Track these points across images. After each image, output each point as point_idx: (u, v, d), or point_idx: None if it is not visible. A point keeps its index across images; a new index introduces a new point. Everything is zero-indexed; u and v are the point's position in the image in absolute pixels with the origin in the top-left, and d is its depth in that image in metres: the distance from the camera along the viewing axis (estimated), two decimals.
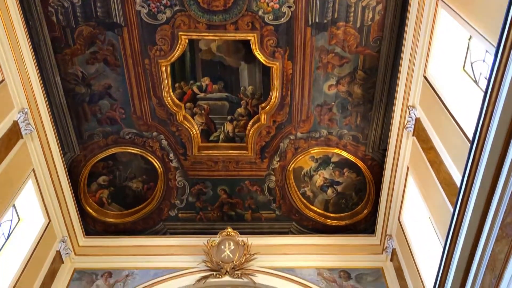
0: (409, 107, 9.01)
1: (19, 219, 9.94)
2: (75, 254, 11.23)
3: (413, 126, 8.94)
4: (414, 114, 8.86)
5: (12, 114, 8.79)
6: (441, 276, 6.85)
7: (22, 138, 9.06)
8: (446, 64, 8.00)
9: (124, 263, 11.01)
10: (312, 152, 10.90)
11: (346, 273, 10.76)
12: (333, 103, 10.08)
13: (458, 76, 7.80)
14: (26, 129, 9.09)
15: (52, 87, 9.62)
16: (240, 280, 10.64)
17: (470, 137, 6.36)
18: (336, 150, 10.83)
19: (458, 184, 6.75)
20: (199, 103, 10.33)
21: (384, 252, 11.01)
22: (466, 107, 7.19)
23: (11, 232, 9.63)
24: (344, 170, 11.11)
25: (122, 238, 11.50)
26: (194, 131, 10.59)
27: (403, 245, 9.94)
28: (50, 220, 10.28)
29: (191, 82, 10.07)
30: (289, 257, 11.12)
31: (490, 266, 5.87)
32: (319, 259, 11.07)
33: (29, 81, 9.06)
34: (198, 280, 10.58)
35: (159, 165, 11.05)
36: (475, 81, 7.35)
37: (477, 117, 5.76)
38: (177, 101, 10.18)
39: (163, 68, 9.58)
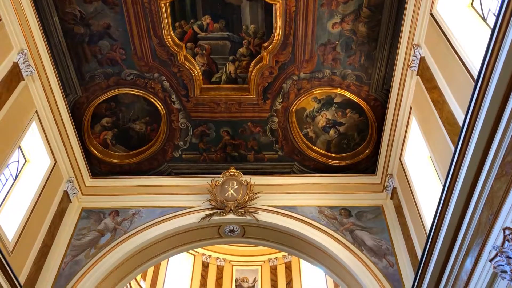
0: (414, 46, 8.84)
1: (25, 161, 10.09)
2: (82, 194, 11.50)
3: (417, 65, 8.82)
4: (419, 53, 8.71)
5: (11, 56, 8.69)
6: (440, 213, 7.04)
7: (23, 79, 9.01)
8: (453, 0, 7.76)
9: (130, 202, 11.29)
10: (315, 92, 10.84)
11: (346, 211, 11.02)
12: (337, 42, 9.90)
13: (465, 13, 7.59)
14: (26, 71, 9.02)
15: (50, 27, 9.44)
16: (243, 217, 10.92)
17: (475, 76, 6.31)
18: (339, 91, 10.77)
19: (461, 124, 6.79)
20: (200, 43, 10.14)
21: (384, 190, 11.23)
22: (472, 45, 7.05)
23: (19, 173, 9.82)
24: (347, 111, 11.10)
25: (127, 178, 11.73)
26: (195, 72, 10.48)
27: (404, 184, 10.13)
28: (56, 161, 10.43)
29: (192, 21, 9.82)
30: (291, 195, 11.35)
31: (488, 203, 6.03)
32: (320, 197, 11.31)
33: (26, 21, 8.87)
34: (203, 218, 10.86)
35: (162, 107, 11.05)
36: (483, 18, 7.17)
37: (483, 55, 5.68)
38: (178, 41, 10.00)
39: (163, 7, 9.33)
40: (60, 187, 10.72)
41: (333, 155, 11.63)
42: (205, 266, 17.84)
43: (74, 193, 11.15)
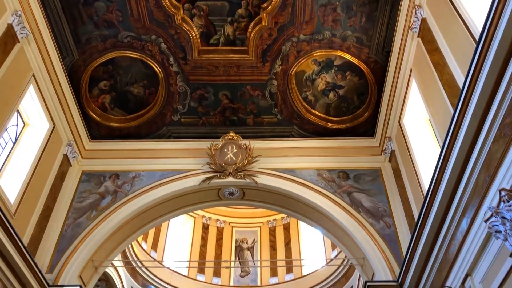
0: (416, 7, 8.68)
1: (24, 124, 10.09)
2: (82, 157, 11.55)
3: (418, 26, 8.68)
4: (421, 14, 8.56)
5: (5, 17, 8.51)
6: (438, 175, 7.11)
7: (18, 42, 8.87)
8: None
9: (130, 166, 11.37)
10: (314, 55, 10.72)
11: (344, 174, 11.12)
12: (337, 3, 9.70)
13: None
14: (21, 33, 8.86)
15: None
16: (243, 180, 11.02)
17: (477, 38, 6.23)
18: (339, 53, 10.65)
19: (461, 86, 6.76)
20: (198, 4, 9.93)
21: (383, 153, 11.29)
22: (475, 6, 6.93)
23: (18, 137, 9.83)
24: (347, 74, 11.01)
25: (127, 142, 11.76)
26: (193, 33, 10.32)
27: (402, 147, 10.17)
28: (55, 125, 10.42)
29: None
30: (290, 159, 11.42)
31: (486, 165, 6.07)
32: (319, 160, 11.38)
33: None
34: (203, 181, 10.96)
35: (159, 70, 10.95)
36: None
37: (486, 16, 5.60)
38: (175, 2, 9.80)
39: None
40: (60, 150, 10.75)
41: (332, 118, 11.62)
42: (205, 227, 18.14)
43: (74, 157, 11.20)
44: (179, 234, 17.72)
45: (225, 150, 11.27)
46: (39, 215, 9.75)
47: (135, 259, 14.93)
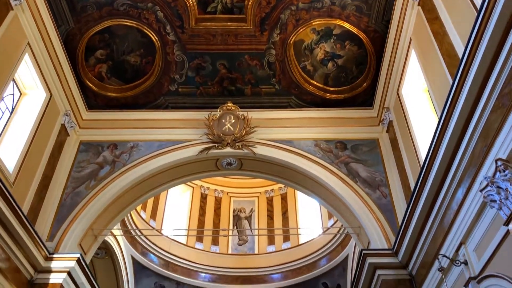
0: None
1: (21, 94, 10.01)
2: (80, 127, 11.53)
3: None
4: None
5: None
6: (435, 145, 7.13)
7: (12, 9, 8.70)
8: None
9: (128, 136, 11.36)
10: (313, 24, 10.58)
11: (342, 144, 11.15)
12: None
13: None
14: (15, 0, 8.69)
15: None
16: (240, 151, 11.05)
17: (478, 6, 6.14)
18: (339, 22, 10.51)
19: (460, 56, 6.71)
20: None
21: (380, 124, 11.29)
22: None
23: (15, 106, 9.78)
24: (346, 43, 10.89)
25: (125, 112, 11.72)
26: (190, 1, 10.15)
27: (400, 117, 10.17)
28: (51, 94, 10.35)
29: None
30: (288, 129, 11.43)
31: (483, 135, 6.09)
32: (317, 131, 11.39)
33: None
34: (201, 151, 10.99)
35: (156, 39, 10.81)
36: None
37: None
38: None
39: None
40: (57, 120, 10.72)
41: (331, 88, 11.56)
42: (204, 197, 18.30)
43: (72, 126, 11.17)
44: (178, 204, 17.90)
45: (223, 120, 11.26)
46: (38, 184, 9.80)
47: (134, 228, 15.12)
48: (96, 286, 10.03)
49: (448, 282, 7.34)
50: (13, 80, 9.54)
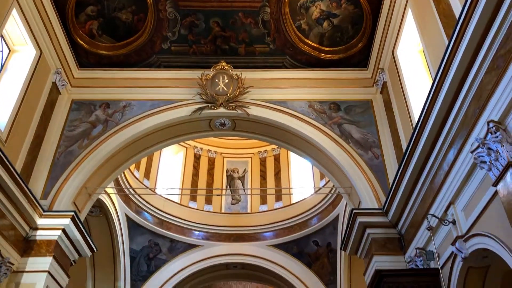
0: None
1: (10, 50, 9.81)
2: (71, 85, 11.39)
3: None
4: None
5: None
6: (428, 106, 7.15)
7: None
8: None
9: (120, 95, 11.26)
10: None
11: (336, 105, 11.13)
12: None
13: None
14: None
15: None
16: (234, 111, 11.01)
17: None
18: None
19: (457, 16, 6.61)
20: None
21: (374, 85, 11.25)
22: None
23: (4, 63, 9.61)
24: (342, 2, 10.67)
25: (117, 70, 11.55)
26: None
27: (394, 79, 10.13)
28: (41, 52, 10.15)
29: None
30: (282, 90, 11.37)
31: (476, 97, 6.10)
32: (311, 92, 11.34)
33: None
34: (194, 111, 10.94)
35: None
36: None
37: None
38: None
39: None
40: (48, 78, 10.56)
41: (326, 48, 11.42)
42: (197, 158, 18.36)
43: (63, 85, 11.02)
44: (171, 164, 17.97)
45: (216, 80, 11.16)
46: (30, 143, 9.77)
47: (128, 187, 15.22)
48: (91, 243, 10.20)
49: (436, 240, 7.54)
50: (1, 36, 9.32)
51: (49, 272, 8.88)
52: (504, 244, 5.64)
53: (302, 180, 17.42)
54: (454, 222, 7.07)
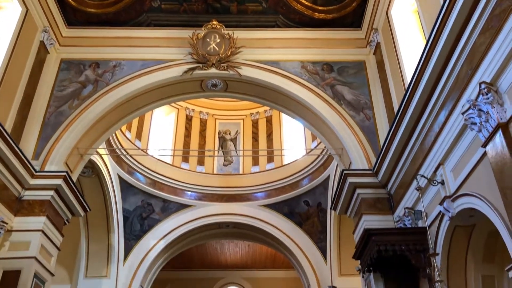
0: None
1: None
2: (60, 44, 11.15)
3: None
4: None
5: None
6: (421, 67, 7.13)
7: None
8: None
9: (110, 54, 11.06)
10: None
11: (328, 66, 11.05)
12: None
13: None
14: None
15: None
16: (226, 72, 10.89)
17: None
18: None
19: None
20: None
21: (368, 45, 11.15)
22: None
23: None
24: None
25: (106, 29, 11.30)
26: None
27: (388, 39, 10.03)
28: (28, 9, 9.87)
29: None
30: (274, 50, 11.23)
31: (469, 58, 6.09)
32: (304, 52, 11.22)
33: None
34: (185, 72, 10.80)
35: None
36: None
37: None
38: None
39: None
40: (36, 36, 10.31)
41: (319, 8, 11.19)
42: (189, 119, 18.29)
43: (51, 44, 10.78)
44: (163, 125, 17.91)
45: (208, 40, 10.97)
46: (19, 103, 9.64)
47: (120, 147, 15.21)
48: (83, 202, 10.28)
49: (424, 200, 7.69)
50: None
51: (42, 231, 8.98)
52: (490, 203, 5.77)
53: (294, 141, 17.50)
54: (442, 183, 7.20)
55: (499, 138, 5.32)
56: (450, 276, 7.12)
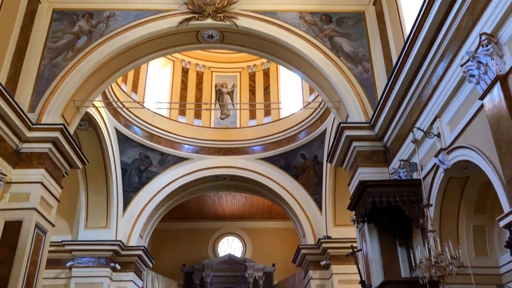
0: None
1: None
2: None
3: None
4: None
5: None
6: (421, 18, 6.99)
7: None
8: None
9: (103, 4, 10.76)
10: None
11: (327, 17, 10.80)
12: None
13: None
14: None
15: None
16: (222, 22, 10.64)
17: None
18: None
19: None
20: None
21: None
22: None
23: None
24: None
25: None
26: None
27: None
28: None
29: None
30: (272, 0, 10.94)
31: (471, 8, 5.98)
32: (302, 2, 10.93)
33: None
34: (181, 22, 10.56)
35: None
36: None
37: None
38: None
39: None
40: None
41: None
42: (185, 72, 18.08)
43: None
44: (159, 77, 17.72)
45: None
46: (12, 56, 9.47)
47: (116, 100, 15.11)
48: (81, 155, 10.33)
49: (420, 152, 7.76)
50: None
51: (41, 183, 9.08)
52: (485, 155, 5.83)
53: (291, 95, 17.41)
54: (439, 135, 7.24)
55: (497, 90, 5.31)
56: (443, 226, 7.31)
